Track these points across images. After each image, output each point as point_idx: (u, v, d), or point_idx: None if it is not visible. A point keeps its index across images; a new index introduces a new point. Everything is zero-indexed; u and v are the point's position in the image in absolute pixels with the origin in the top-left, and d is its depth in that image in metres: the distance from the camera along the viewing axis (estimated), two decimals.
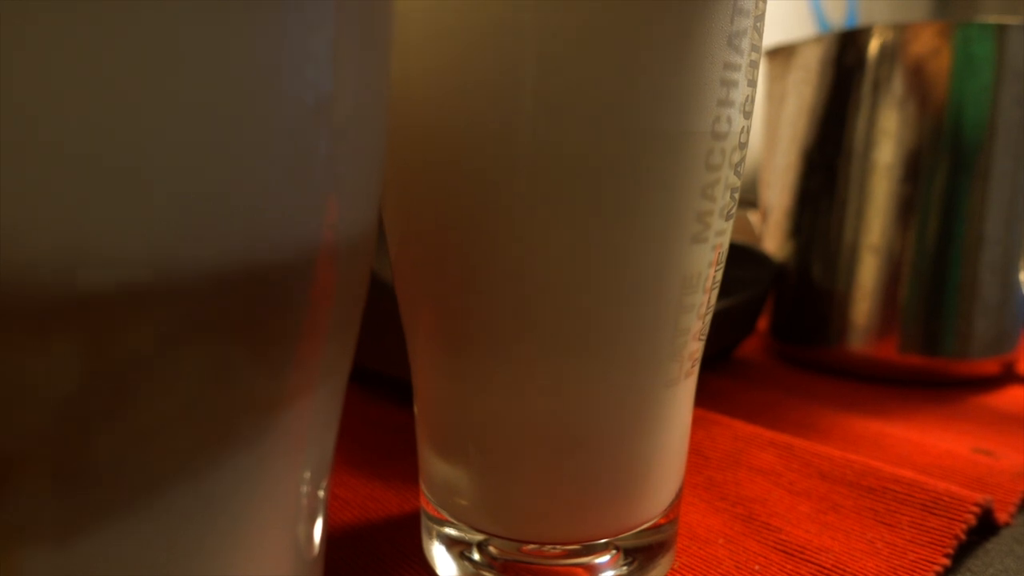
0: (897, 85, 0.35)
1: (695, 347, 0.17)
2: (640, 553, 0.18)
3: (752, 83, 0.16)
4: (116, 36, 0.07)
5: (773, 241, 0.42)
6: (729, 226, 0.17)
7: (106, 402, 0.08)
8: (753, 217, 0.49)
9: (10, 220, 0.07)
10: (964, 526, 0.21)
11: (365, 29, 0.10)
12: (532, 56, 0.14)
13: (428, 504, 0.19)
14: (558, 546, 0.17)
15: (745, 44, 0.15)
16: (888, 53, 0.35)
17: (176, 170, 0.08)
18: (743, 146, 0.16)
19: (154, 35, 0.07)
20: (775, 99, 0.41)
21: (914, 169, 0.36)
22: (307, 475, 0.11)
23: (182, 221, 0.08)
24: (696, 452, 0.26)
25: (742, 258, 0.41)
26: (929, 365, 0.37)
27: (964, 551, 0.21)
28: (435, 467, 0.18)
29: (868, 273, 0.37)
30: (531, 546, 0.17)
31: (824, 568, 0.19)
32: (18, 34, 0.06)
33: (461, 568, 0.18)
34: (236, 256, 0.09)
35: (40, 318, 0.07)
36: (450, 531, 0.19)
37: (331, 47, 0.09)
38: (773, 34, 0.33)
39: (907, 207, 0.36)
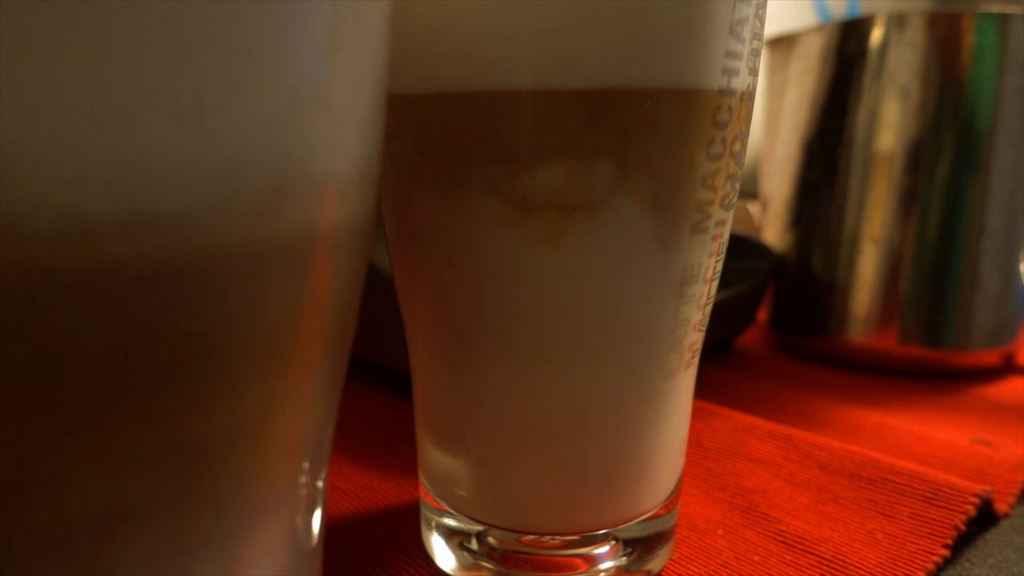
0: (898, 75, 0.35)
1: (695, 338, 0.17)
2: (639, 544, 0.18)
3: (753, 71, 0.16)
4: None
5: (773, 232, 0.42)
6: (730, 216, 0.17)
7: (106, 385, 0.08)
8: (753, 207, 0.48)
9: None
10: (964, 517, 0.21)
11: (362, 20, 0.10)
12: (531, 44, 0.14)
13: (427, 495, 0.19)
14: (557, 537, 0.17)
15: (747, 32, 0.15)
16: (889, 43, 0.35)
17: (179, 166, 0.08)
18: (744, 135, 0.16)
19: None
20: (776, 89, 0.41)
21: (915, 159, 0.35)
22: (306, 465, 0.11)
23: (191, 217, 0.08)
24: (695, 443, 0.26)
25: (742, 249, 0.41)
26: (929, 356, 0.37)
27: (964, 542, 0.21)
28: (434, 458, 0.18)
29: (868, 264, 0.37)
30: (530, 536, 0.17)
31: (823, 559, 0.19)
32: None
33: (460, 558, 0.18)
34: (234, 245, 0.08)
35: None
36: (449, 521, 0.18)
37: (329, 35, 0.09)
38: (774, 24, 0.32)
39: (908, 198, 0.36)
